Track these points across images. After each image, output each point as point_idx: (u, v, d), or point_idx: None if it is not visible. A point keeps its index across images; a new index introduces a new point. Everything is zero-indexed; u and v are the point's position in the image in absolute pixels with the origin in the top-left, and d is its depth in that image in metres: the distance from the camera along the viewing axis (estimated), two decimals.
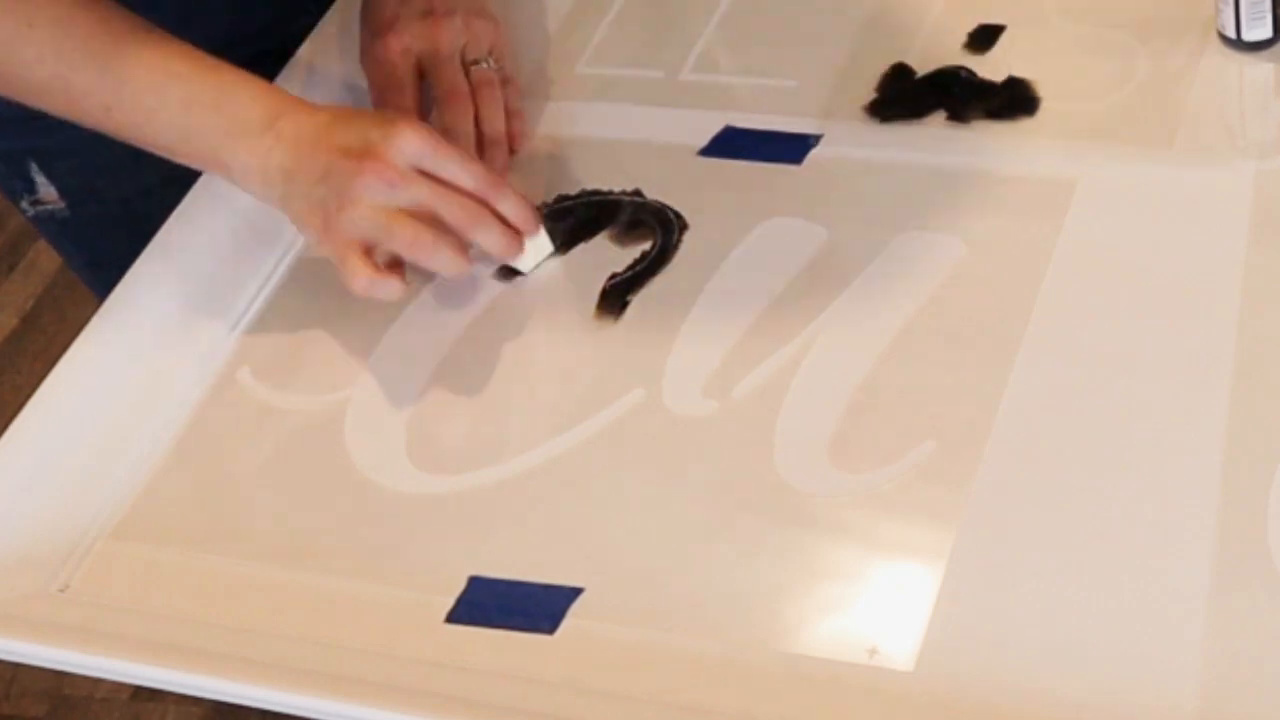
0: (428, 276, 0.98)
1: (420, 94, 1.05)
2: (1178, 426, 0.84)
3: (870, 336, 0.91)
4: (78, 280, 1.25)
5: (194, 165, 0.97)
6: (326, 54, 1.13)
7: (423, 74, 1.05)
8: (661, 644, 0.79)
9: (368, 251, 0.92)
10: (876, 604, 0.80)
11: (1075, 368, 0.87)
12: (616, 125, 1.07)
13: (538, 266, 0.98)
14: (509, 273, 0.98)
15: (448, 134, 1.02)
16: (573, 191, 1.03)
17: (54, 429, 0.93)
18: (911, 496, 0.83)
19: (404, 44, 1.04)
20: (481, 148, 1.03)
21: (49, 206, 1.17)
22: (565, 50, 1.14)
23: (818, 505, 0.84)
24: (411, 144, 0.91)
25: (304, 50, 1.13)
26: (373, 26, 1.06)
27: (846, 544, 0.83)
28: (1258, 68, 1.02)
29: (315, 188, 0.91)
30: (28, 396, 0.94)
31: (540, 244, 0.97)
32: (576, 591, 0.82)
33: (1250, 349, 0.86)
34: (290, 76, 1.10)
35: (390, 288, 0.92)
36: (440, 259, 0.92)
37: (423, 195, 0.91)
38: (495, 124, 1.04)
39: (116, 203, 0.99)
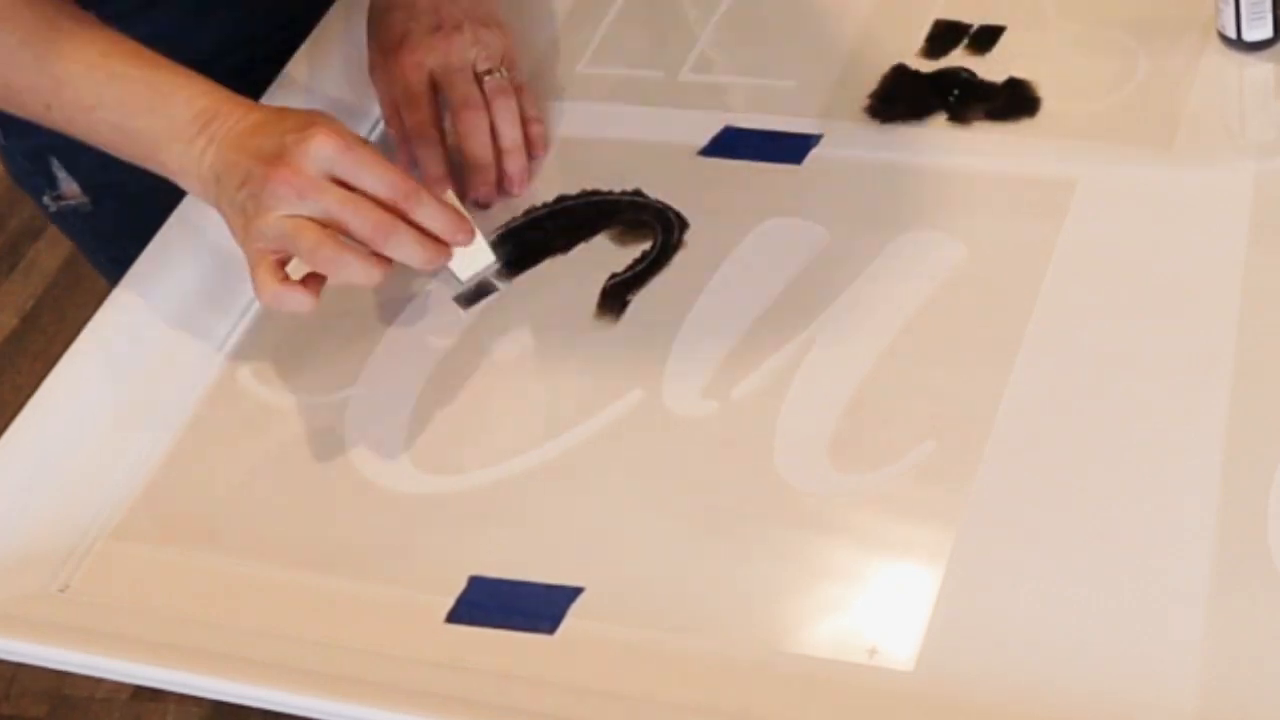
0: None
1: (436, 108, 1.05)
2: (1178, 426, 0.84)
3: (870, 336, 0.91)
4: (78, 280, 1.26)
5: (135, 163, 0.96)
6: (314, 69, 1.12)
7: (436, 88, 1.05)
8: (661, 644, 0.79)
9: (283, 261, 0.90)
10: (876, 604, 0.80)
11: (1075, 368, 0.87)
12: (616, 125, 1.07)
13: (476, 277, 0.96)
14: (471, 300, 0.97)
15: (465, 145, 1.02)
16: (573, 191, 1.03)
17: (54, 429, 0.93)
18: (911, 496, 0.83)
19: (417, 59, 1.04)
20: (499, 158, 1.03)
21: (71, 202, 1.18)
22: (565, 50, 1.14)
23: (818, 505, 0.84)
24: (324, 150, 0.88)
25: (291, 66, 1.12)
26: (383, 43, 1.06)
27: (846, 544, 0.83)
28: (1258, 68, 1.02)
29: (237, 193, 0.90)
30: (28, 396, 0.94)
31: (475, 253, 0.95)
32: (576, 591, 0.82)
33: (1250, 349, 0.86)
34: (278, 92, 1.10)
35: (297, 300, 0.89)
36: (347, 271, 0.89)
37: (330, 206, 0.88)
38: (511, 133, 1.03)
39: (138, 195, 0.99)
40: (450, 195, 0.97)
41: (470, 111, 1.03)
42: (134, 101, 0.94)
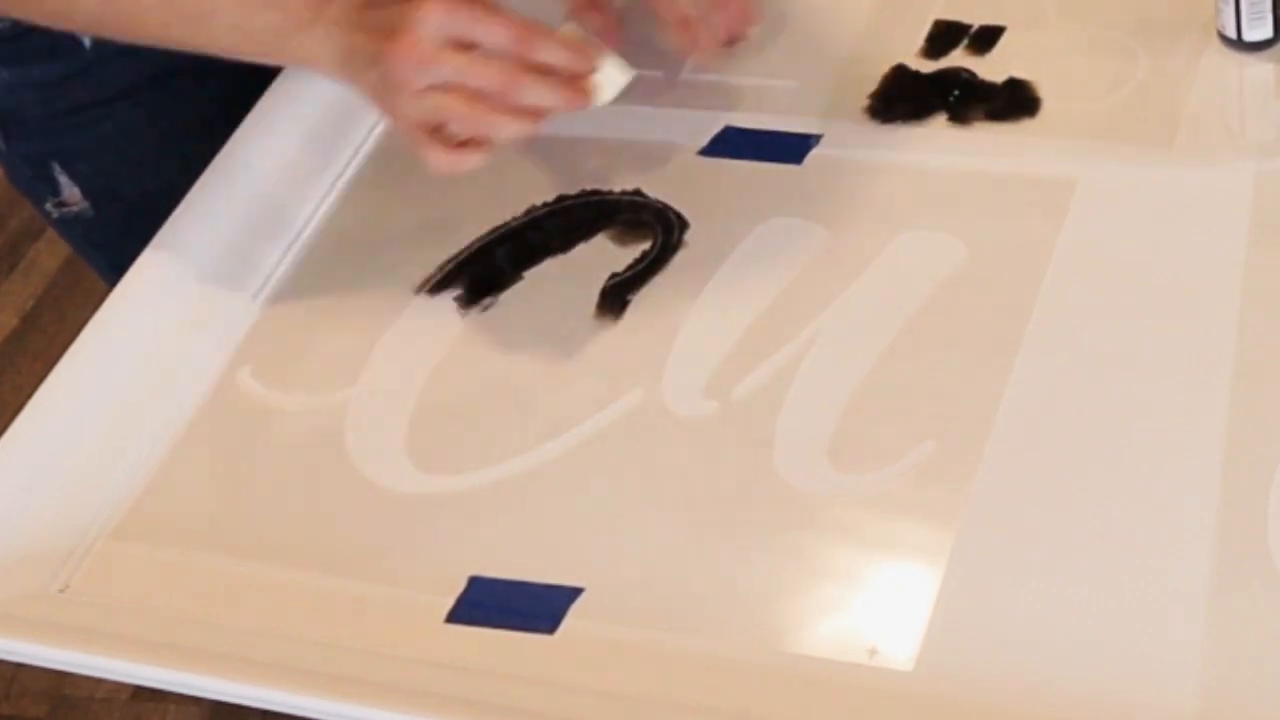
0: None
1: None
2: (1178, 426, 0.84)
3: (870, 336, 0.91)
4: (78, 280, 1.26)
5: (263, 61, 0.96)
6: (272, 121, 1.11)
7: None
8: (661, 644, 0.79)
9: (437, 129, 0.90)
10: (876, 604, 0.80)
11: (1075, 368, 0.87)
12: (616, 125, 1.07)
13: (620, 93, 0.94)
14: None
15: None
16: (573, 191, 1.03)
17: (54, 429, 0.93)
18: (911, 496, 0.83)
19: None
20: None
21: (73, 209, 1.18)
22: None
23: (818, 505, 0.84)
24: (434, 17, 0.88)
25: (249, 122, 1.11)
26: None
27: (846, 544, 0.83)
28: (1258, 68, 1.02)
29: (367, 73, 0.90)
30: (28, 396, 0.94)
31: (612, 75, 0.93)
32: (576, 591, 0.82)
33: (1250, 349, 0.86)
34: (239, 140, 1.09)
35: (470, 162, 0.90)
36: (503, 130, 0.89)
37: (452, 72, 0.88)
38: None
39: (139, 201, 0.99)
40: (570, 27, 0.96)
41: None
42: (249, 1, 0.93)
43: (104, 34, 0.97)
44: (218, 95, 1.10)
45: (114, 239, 1.16)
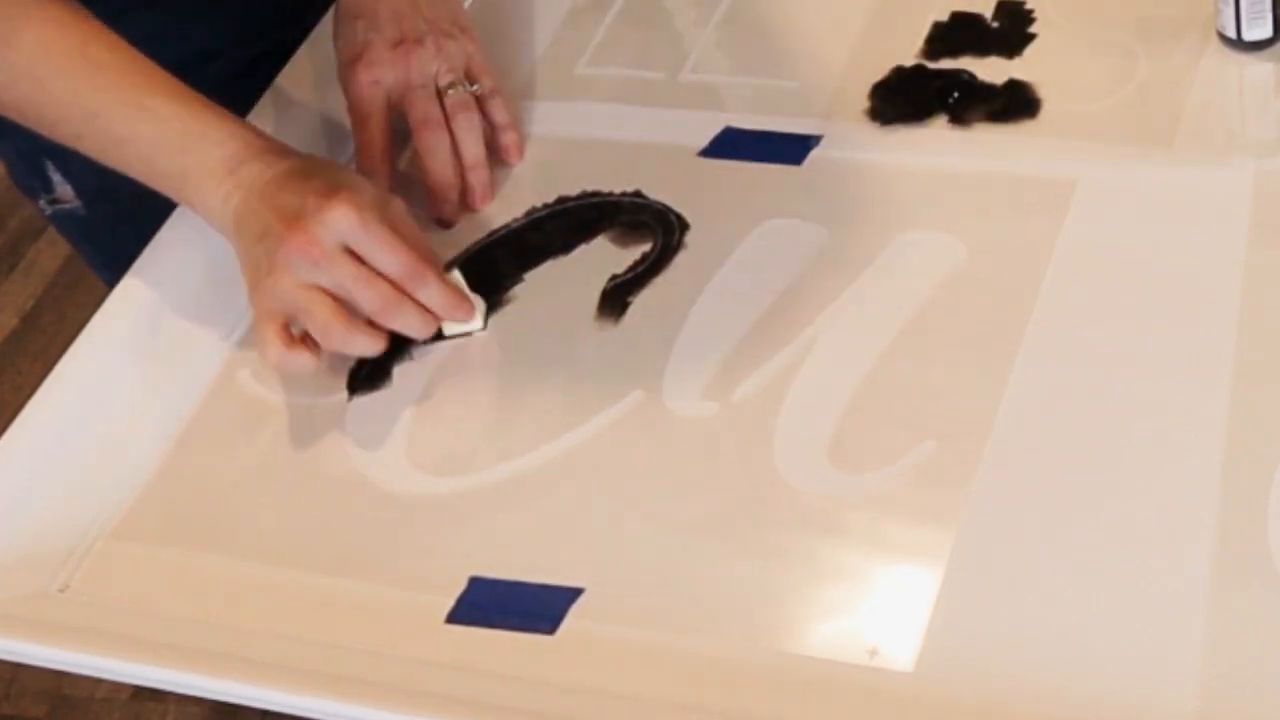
0: None
1: (389, 126, 1.03)
2: (1178, 426, 0.84)
3: (870, 336, 0.91)
4: (78, 280, 1.26)
5: (164, 194, 0.96)
6: (302, 82, 1.12)
7: (397, 103, 1.04)
8: (661, 644, 0.79)
9: (287, 323, 0.91)
10: (876, 604, 0.80)
11: (1075, 368, 0.87)
12: (616, 126, 1.07)
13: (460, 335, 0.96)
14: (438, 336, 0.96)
15: (425, 165, 1.02)
16: (573, 192, 1.03)
17: (54, 429, 0.93)
18: (911, 496, 0.83)
19: (373, 76, 1.03)
20: (463, 173, 1.03)
21: (66, 206, 1.18)
22: (565, 50, 1.14)
23: (818, 505, 0.84)
24: (342, 222, 0.89)
25: (282, 78, 1.12)
26: (343, 53, 1.05)
27: (846, 544, 0.83)
28: (1258, 68, 1.02)
29: (254, 246, 0.91)
30: (28, 396, 0.94)
31: (469, 325, 0.95)
32: (577, 592, 0.82)
33: (1250, 349, 0.86)
34: (267, 105, 1.09)
35: (300, 362, 0.91)
36: (353, 348, 0.91)
37: (343, 279, 0.89)
38: (472, 149, 1.02)
39: (131, 199, 0.99)
40: (455, 275, 0.96)
41: (429, 130, 1.02)
42: (165, 140, 0.94)
43: (15, 118, 0.97)
44: (211, 94, 1.09)
45: (107, 236, 1.16)
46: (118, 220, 1.08)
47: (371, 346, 0.91)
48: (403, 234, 0.92)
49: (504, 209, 1.03)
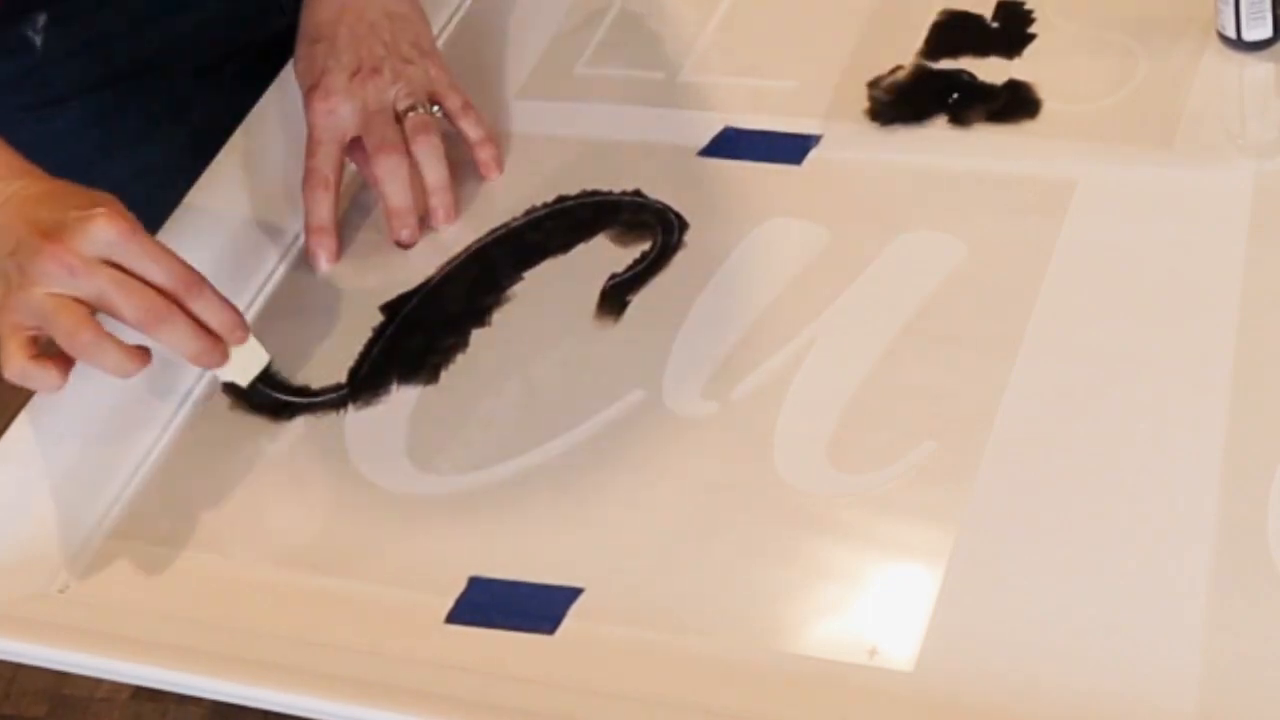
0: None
1: (339, 155, 1.02)
2: (1178, 426, 0.84)
3: (870, 336, 0.91)
4: None
5: None
6: (274, 116, 1.10)
7: (357, 130, 1.03)
8: (661, 644, 0.79)
9: (36, 338, 0.86)
10: (876, 604, 0.80)
11: (1075, 368, 0.87)
12: (616, 125, 1.07)
13: (254, 381, 0.92)
14: (230, 386, 0.93)
15: (381, 191, 1.01)
16: (573, 192, 1.03)
17: (54, 429, 0.93)
18: (911, 496, 0.83)
19: (329, 105, 1.02)
20: (427, 195, 1.02)
21: None
22: (565, 50, 1.13)
23: (818, 505, 0.84)
24: (104, 234, 0.85)
25: (257, 109, 1.10)
26: (303, 82, 1.05)
27: (846, 544, 0.83)
28: (1258, 68, 1.02)
29: (5, 260, 0.86)
30: (28, 396, 0.94)
31: (250, 355, 0.91)
32: (576, 592, 0.82)
33: (1250, 349, 0.86)
34: (241, 136, 1.08)
35: (46, 378, 0.86)
36: (103, 359, 0.86)
37: (104, 286, 0.85)
38: (433, 171, 1.02)
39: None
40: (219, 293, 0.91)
41: (385, 155, 1.01)
42: None
43: None
44: (169, 97, 1.09)
45: None
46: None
47: (123, 364, 0.86)
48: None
49: (504, 209, 1.03)
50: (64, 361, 0.87)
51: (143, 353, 0.87)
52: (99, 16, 1.10)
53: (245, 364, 0.91)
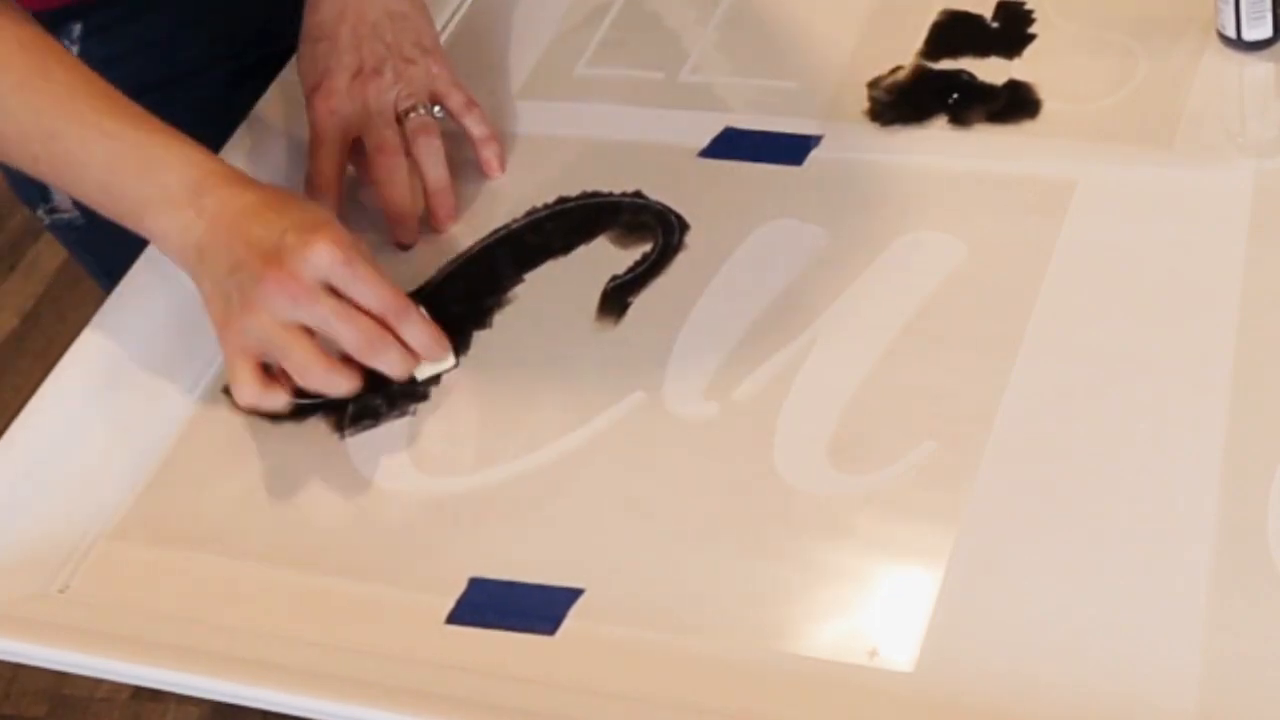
0: None
1: (341, 155, 1.03)
2: (1178, 426, 0.84)
3: (870, 336, 0.91)
4: (78, 280, 1.26)
5: (119, 222, 0.94)
6: (276, 115, 1.11)
7: (358, 131, 1.03)
8: (661, 644, 0.79)
9: (261, 361, 0.89)
10: (877, 605, 0.80)
11: (1075, 368, 0.87)
12: (616, 126, 1.07)
13: (432, 375, 0.94)
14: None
15: (381, 193, 1.01)
16: (573, 192, 1.03)
17: (54, 429, 0.93)
18: (911, 496, 0.83)
19: (330, 106, 1.02)
20: (427, 197, 1.02)
21: (65, 216, 1.17)
22: (565, 51, 1.14)
23: (818, 505, 0.84)
24: (324, 259, 0.87)
25: (259, 108, 1.11)
26: (305, 82, 1.05)
27: (846, 544, 0.83)
28: (1258, 68, 1.02)
29: (225, 278, 0.88)
30: (28, 396, 0.94)
31: (442, 363, 0.93)
32: (577, 592, 0.82)
33: (1250, 349, 0.86)
34: (244, 134, 1.09)
35: (276, 401, 0.90)
36: (331, 389, 0.89)
37: (325, 316, 0.88)
38: (434, 172, 1.02)
39: None
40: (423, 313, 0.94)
41: (385, 157, 1.01)
42: (124, 165, 0.91)
43: None
44: (198, 108, 1.09)
45: (105, 246, 1.16)
46: (115, 230, 1.08)
47: (348, 386, 0.89)
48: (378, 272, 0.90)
49: (504, 210, 1.03)
50: (289, 382, 0.90)
51: (360, 377, 0.90)
52: (135, 26, 1.10)
53: (434, 367, 0.93)
